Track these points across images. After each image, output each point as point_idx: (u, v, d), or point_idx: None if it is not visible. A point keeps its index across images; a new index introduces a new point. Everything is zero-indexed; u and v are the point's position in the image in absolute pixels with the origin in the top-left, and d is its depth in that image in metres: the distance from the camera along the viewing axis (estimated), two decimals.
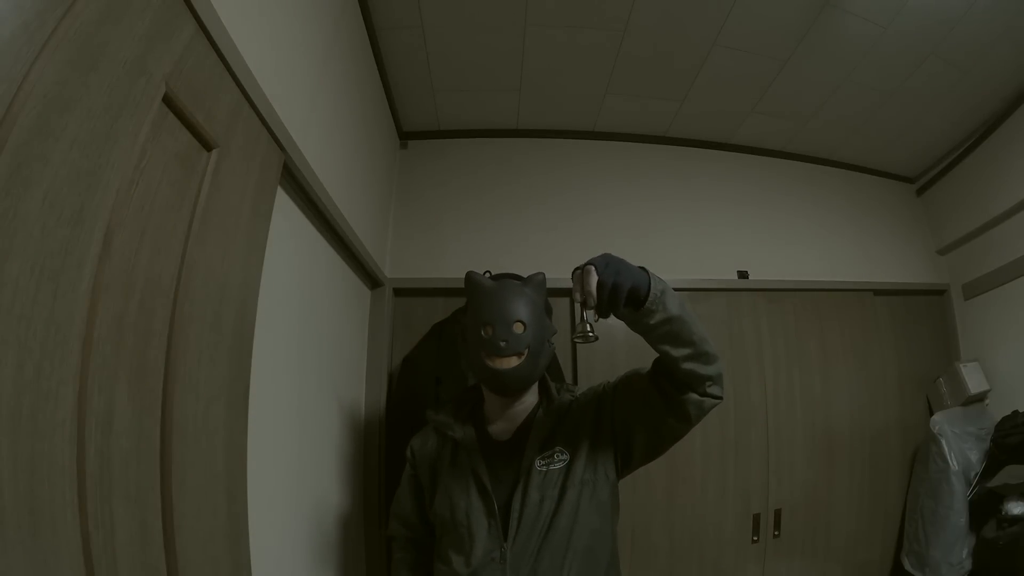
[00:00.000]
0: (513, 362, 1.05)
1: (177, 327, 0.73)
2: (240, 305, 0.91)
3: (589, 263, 0.86)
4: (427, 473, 1.16)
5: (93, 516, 0.56)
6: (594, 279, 0.84)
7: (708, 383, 0.96)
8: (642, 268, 0.89)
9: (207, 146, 0.81)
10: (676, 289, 0.95)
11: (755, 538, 2.06)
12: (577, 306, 0.87)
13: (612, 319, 0.90)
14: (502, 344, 1.04)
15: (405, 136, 2.31)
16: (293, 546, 1.22)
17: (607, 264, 0.86)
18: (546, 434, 1.08)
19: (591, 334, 0.86)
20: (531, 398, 1.14)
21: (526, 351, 1.06)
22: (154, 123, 0.67)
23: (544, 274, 1.17)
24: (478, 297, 1.11)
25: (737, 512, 2.07)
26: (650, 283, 0.86)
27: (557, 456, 1.06)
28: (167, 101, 0.70)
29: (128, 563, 0.62)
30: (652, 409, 1.02)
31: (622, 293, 0.84)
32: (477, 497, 1.05)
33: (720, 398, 1.00)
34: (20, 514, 0.47)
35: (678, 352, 0.92)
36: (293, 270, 1.26)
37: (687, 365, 0.93)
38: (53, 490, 0.51)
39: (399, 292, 2.12)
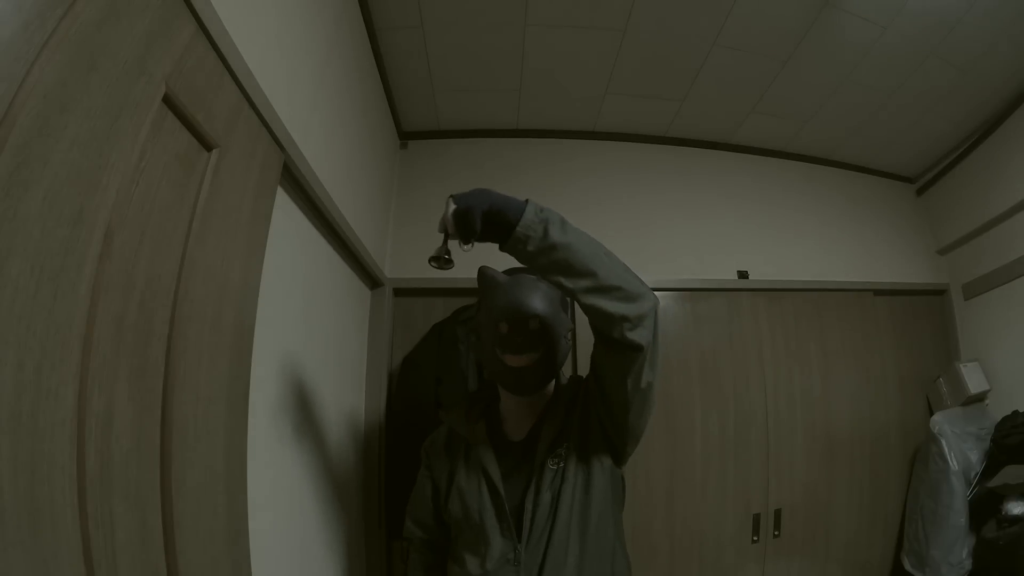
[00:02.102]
0: (529, 359, 1.02)
1: (177, 327, 0.73)
2: (240, 305, 0.91)
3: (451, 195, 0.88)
4: (442, 474, 1.14)
5: (93, 516, 0.56)
6: (452, 207, 0.86)
7: (625, 324, 0.86)
8: (527, 201, 0.87)
9: (207, 146, 0.81)
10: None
11: (755, 538, 2.06)
12: (441, 236, 0.90)
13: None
14: (519, 341, 1.02)
15: (405, 136, 2.31)
16: (293, 546, 1.22)
17: (469, 194, 0.87)
18: (556, 431, 1.06)
19: (446, 257, 0.91)
20: (545, 395, 1.12)
21: (543, 348, 1.03)
22: (154, 123, 0.67)
23: None
24: (492, 293, 1.08)
25: (737, 512, 2.07)
26: (524, 212, 0.84)
27: (563, 452, 1.04)
28: (167, 101, 0.70)
29: (128, 563, 0.62)
30: (597, 371, 1.00)
31: (473, 215, 0.84)
32: (488, 498, 1.04)
33: (640, 346, 0.88)
34: (20, 514, 0.47)
35: (574, 284, 0.86)
36: (293, 270, 1.26)
37: (589, 299, 0.86)
38: (53, 490, 0.51)
39: (399, 292, 2.12)
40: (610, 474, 1.06)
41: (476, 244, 0.89)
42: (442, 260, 0.90)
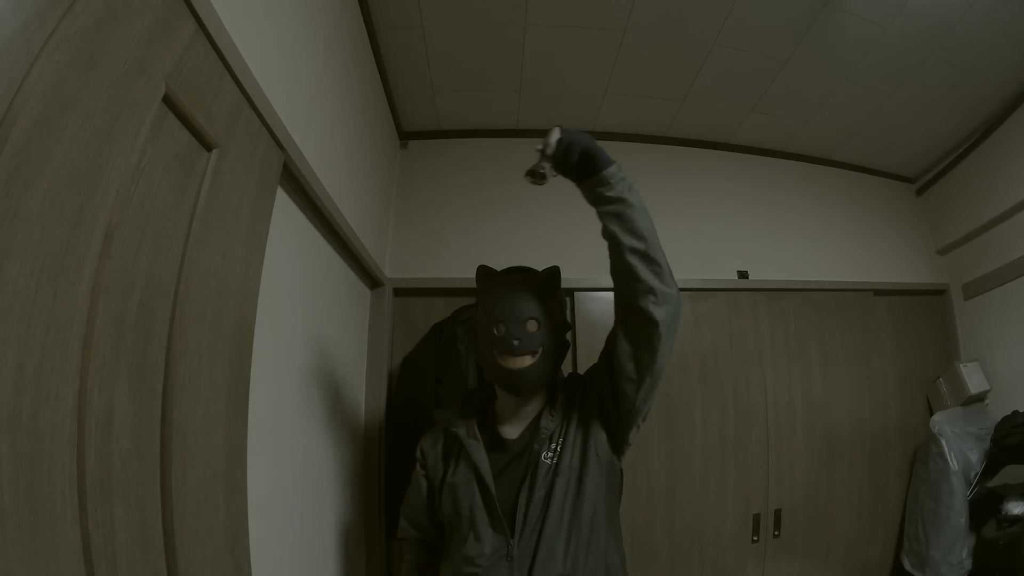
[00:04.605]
0: (527, 361, 1.02)
1: (177, 327, 0.73)
2: (240, 305, 0.91)
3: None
4: (436, 472, 1.14)
5: (93, 516, 0.56)
6: (556, 133, 0.93)
7: (650, 296, 0.93)
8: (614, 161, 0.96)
9: (207, 146, 0.81)
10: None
11: (755, 538, 2.06)
12: (537, 153, 0.95)
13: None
14: (516, 343, 1.02)
15: (405, 136, 2.31)
16: (293, 545, 1.22)
17: (573, 131, 0.95)
18: (553, 427, 1.06)
19: (542, 171, 0.95)
20: (543, 395, 1.12)
21: (540, 349, 1.03)
22: (154, 123, 0.67)
23: (558, 267, 1.15)
24: (490, 293, 1.08)
25: (737, 512, 2.07)
26: (613, 164, 0.95)
27: (557, 447, 1.04)
28: (167, 101, 0.70)
29: (128, 563, 0.62)
30: (611, 346, 1.03)
31: (576, 148, 0.93)
32: (479, 495, 1.04)
33: (657, 321, 0.93)
34: (20, 514, 0.47)
35: (626, 240, 0.93)
36: (293, 270, 1.26)
37: (631, 259, 0.93)
38: (53, 490, 0.51)
39: (399, 292, 2.12)
40: (607, 467, 1.06)
41: (549, 183, 0.97)
42: (537, 174, 0.95)
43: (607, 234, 0.97)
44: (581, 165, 0.95)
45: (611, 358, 1.03)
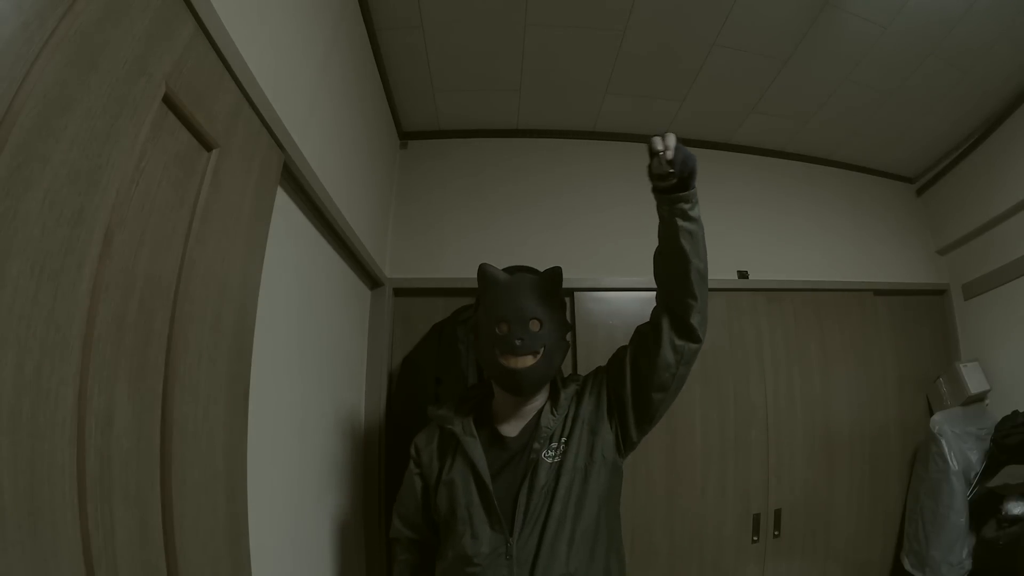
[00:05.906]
0: (529, 361, 1.03)
1: (177, 327, 0.73)
2: (240, 305, 0.91)
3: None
4: (431, 471, 1.14)
5: (93, 516, 0.56)
6: (673, 139, 0.93)
7: (698, 316, 1.02)
8: None
9: (207, 146, 0.81)
10: None
11: (755, 538, 2.06)
12: (657, 155, 0.93)
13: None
14: (518, 343, 1.02)
15: (405, 136, 2.31)
16: (293, 545, 1.22)
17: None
18: (554, 428, 1.07)
19: (671, 172, 0.94)
20: (542, 394, 1.13)
21: (542, 350, 1.04)
22: (154, 123, 0.67)
23: (560, 268, 1.15)
24: (492, 292, 1.09)
25: (737, 512, 2.07)
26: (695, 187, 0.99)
27: (559, 447, 1.05)
28: (167, 101, 0.70)
29: (128, 563, 0.62)
30: (642, 352, 1.05)
31: (690, 162, 0.95)
32: (476, 492, 1.04)
33: (699, 337, 1.04)
34: (20, 514, 0.47)
35: (695, 259, 1.00)
36: (293, 270, 1.26)
37: (693, 275, 1.00)
38: (53, 490, 0.51)
39: (399, 292, 2.12)
40: (611, 468, 1.07)
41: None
42: (666, 176, 0.95)
43: (675, 247, 1.00)
44: (682, 179, 0.96)
45: (645, 368, 1.04)
